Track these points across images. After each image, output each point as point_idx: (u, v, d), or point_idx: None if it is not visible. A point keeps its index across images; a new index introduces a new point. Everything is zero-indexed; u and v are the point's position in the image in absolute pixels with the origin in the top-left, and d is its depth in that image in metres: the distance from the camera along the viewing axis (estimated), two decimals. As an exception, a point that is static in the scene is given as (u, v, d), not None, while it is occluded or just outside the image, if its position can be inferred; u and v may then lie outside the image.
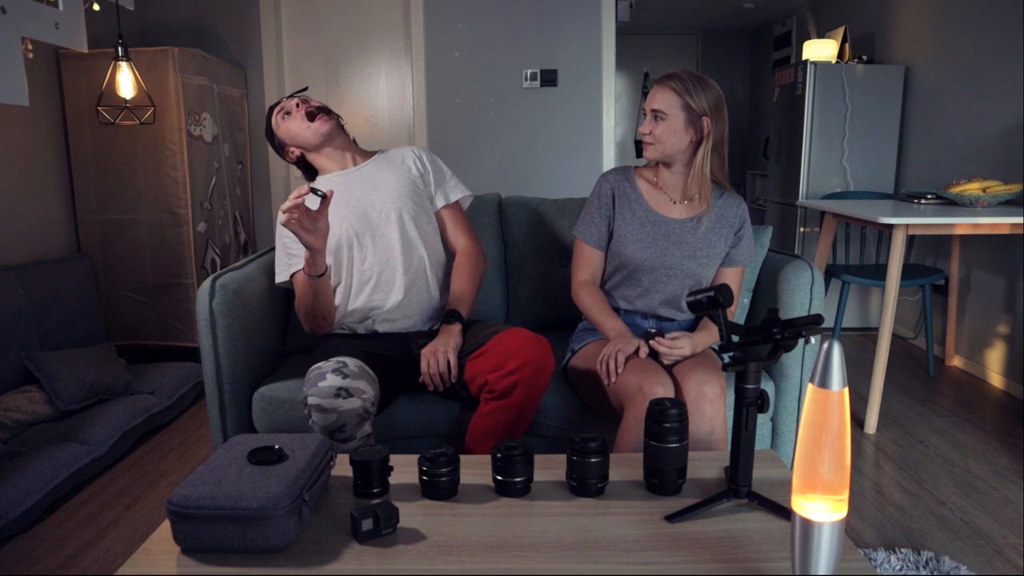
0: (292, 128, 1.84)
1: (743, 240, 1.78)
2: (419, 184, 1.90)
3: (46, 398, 2.43)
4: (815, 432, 0.87)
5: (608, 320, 1.72)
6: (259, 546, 1.01)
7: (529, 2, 3.72)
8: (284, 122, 1.85)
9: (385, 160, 1.92)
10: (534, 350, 1.57)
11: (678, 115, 1.65)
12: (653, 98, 1.68)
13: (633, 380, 1.53)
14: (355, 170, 1.88)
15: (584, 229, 1.81)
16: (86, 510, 2.04)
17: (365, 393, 1.49)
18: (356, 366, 1.53)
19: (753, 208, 5.90)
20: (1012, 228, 2.52)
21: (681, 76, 1.66)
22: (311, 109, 1.84)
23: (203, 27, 3.75)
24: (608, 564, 0.99)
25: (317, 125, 1.82)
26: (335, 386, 1.46)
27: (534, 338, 1.60)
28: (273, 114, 1.88)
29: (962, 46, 3.38)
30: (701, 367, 1.57)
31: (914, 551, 1.79)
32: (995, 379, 3.11)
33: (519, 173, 3.88)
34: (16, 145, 2.81)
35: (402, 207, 1.82)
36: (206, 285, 1.71)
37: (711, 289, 1.22)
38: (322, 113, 1.84)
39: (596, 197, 1.80)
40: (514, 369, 1.55)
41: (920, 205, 3.00)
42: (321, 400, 1.45)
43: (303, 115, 1.83)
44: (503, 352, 1.58)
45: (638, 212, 1.76)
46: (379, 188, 1.83)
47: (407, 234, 1.81)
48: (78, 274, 2.89)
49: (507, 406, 1.57)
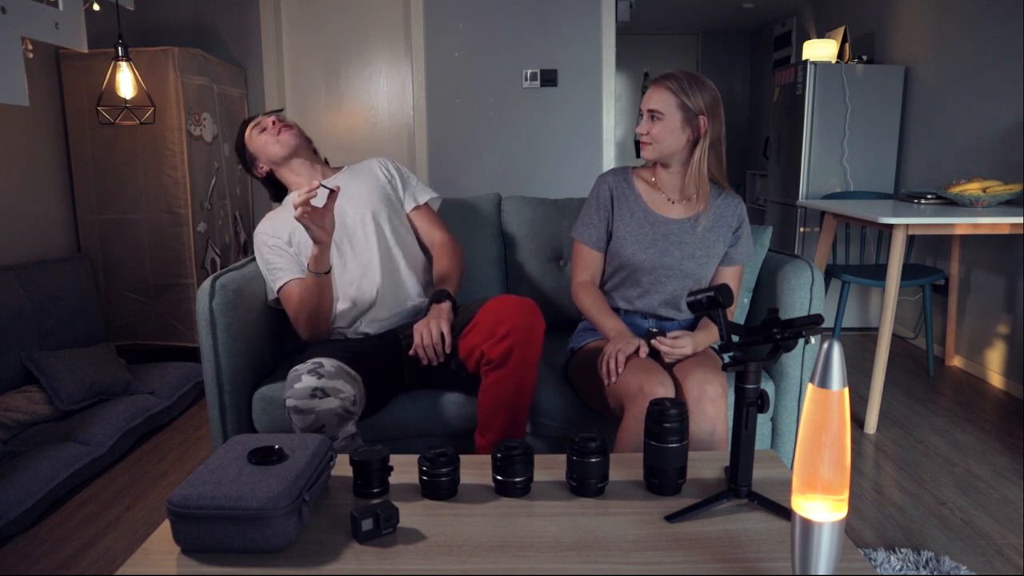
0: (261, 140, 1.89)
1: (741, 239, 1.78)
2: (388, 189, 1.97)
3: (46, 398, 2.43)
4: (815, 432, 0.87)
5: (608, 320, 1.72)
6: (259, 546, 1.01)
7: (529, 2, 3.72)
8: (256, 136, 1.91)
9: (352, 172, 1.99)
10: (521, 312, 1.59)
11: (675, 115, 1.66)
12: (649, 98, 1.69)
13: (633, 380, 1.53)
14: (325, 183, 1.89)
15: (583, 230, 1.82)
16: (86, 510, 2.04)
17: (343, 392, 1.49)
18: (333, 366, 1.53)
19: (753, 208, 5.90)
20: (1012, 228, 2.52)
21: (677, 76, 1.67)
22: (282, 126, 1.90)
23: (203, 27, 3.75)
24: (608, 564, 0.99)
25: (284, 137, 1.88)
26: (310, 387, 1.46)
27: (519, 300, 1.62)
28: (248, 127, 1.93)
29: (962, 46, 3.38)
30: (702, 366, 1.57)
31: (914, 551, 1.79)
32: (995, 379, 3.11)
33: (519, 173, 3.87)
34: (16, 145, 2.81)
35: (376, 211, 1.88)
36: (206, 285, 1.71)
37: (711, 289, 1.22)
38: (289, 128, 1.90)
39: (595, 198, 1.81)
40: (505, 334, 1.56)
41: (920, 205, 3.00)
42: (297, 402, 1.46)
43: (276, 130, 1.89)
44: (492, 320, 1.60)
45: (636, 213, 1.77)
46: (351, 196, 1.89)
47: (383, 234, 1.87)
48: (78, 274, 2.89)
49: (507, 374, 1.58)
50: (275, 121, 1.90)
